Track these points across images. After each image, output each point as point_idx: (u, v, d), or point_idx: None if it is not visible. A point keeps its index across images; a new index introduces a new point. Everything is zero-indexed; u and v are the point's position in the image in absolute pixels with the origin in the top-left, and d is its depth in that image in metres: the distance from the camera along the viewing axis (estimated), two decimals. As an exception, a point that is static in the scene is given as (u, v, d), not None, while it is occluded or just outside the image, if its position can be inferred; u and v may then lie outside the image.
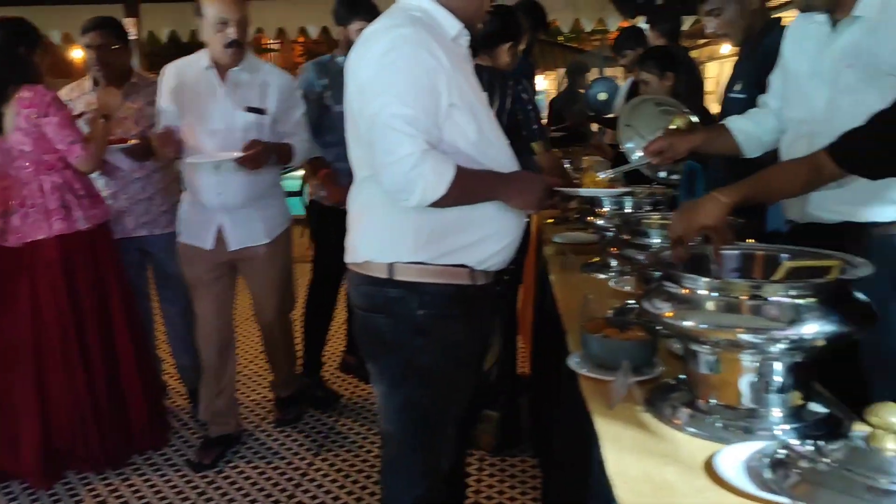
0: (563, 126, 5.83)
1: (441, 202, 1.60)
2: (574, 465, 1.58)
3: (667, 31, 4.18)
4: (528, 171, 1.88)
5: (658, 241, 1.94)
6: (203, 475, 2.93)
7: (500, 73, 2.75)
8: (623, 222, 2.06)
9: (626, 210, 2.39)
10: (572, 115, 5.99)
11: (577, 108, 6.20)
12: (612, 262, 2.42)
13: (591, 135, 5.86)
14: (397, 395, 1.76)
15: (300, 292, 3.43)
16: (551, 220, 3.31)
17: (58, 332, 2.80)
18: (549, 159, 3.15)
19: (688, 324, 1.31)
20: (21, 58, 2.79)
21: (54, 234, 2.76)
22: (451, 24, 1.70)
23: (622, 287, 2.28)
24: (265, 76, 2.86)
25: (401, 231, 1.68)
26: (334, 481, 2.87)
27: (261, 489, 2.83)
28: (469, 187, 1.64)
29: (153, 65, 5.98)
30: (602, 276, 2.43)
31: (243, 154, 2.67)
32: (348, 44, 3.01)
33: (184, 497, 2.79)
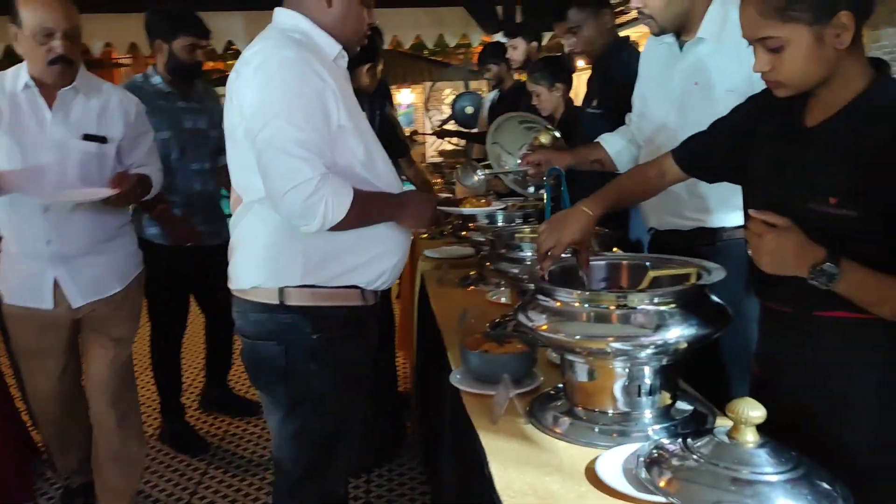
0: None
1: (339, 226, 1.58)
2: (462, 480, 1.60)
3: (529, 39, 4.32)
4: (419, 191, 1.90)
5: (531, 254, 2.00)
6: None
7: (366, 93, 2.80)
8: (497, 236, 2.11)
9: (498, 223, 2.45)
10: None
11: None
12: (489, 275, 2.48)
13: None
14: (292, 422, 1.72)
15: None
16: (425, 236, 3.35)
17: None
18: (415, 173, 3.27)
19: (562, 335, 1.36)
20: None
21: None
22: (330, 46, 1.69)
23: (499, 299, 2.34)
24: (105, 97, 2.37)
25: (291, 255, 1.64)
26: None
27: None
28: (366, 210, 1.63)
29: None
30: (479, 289, 2.48)
31: (115, 191, 2.24)
32: (174, 60, 2.95)
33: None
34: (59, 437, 2.63)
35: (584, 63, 3.21)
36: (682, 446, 1.19)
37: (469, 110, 6.23)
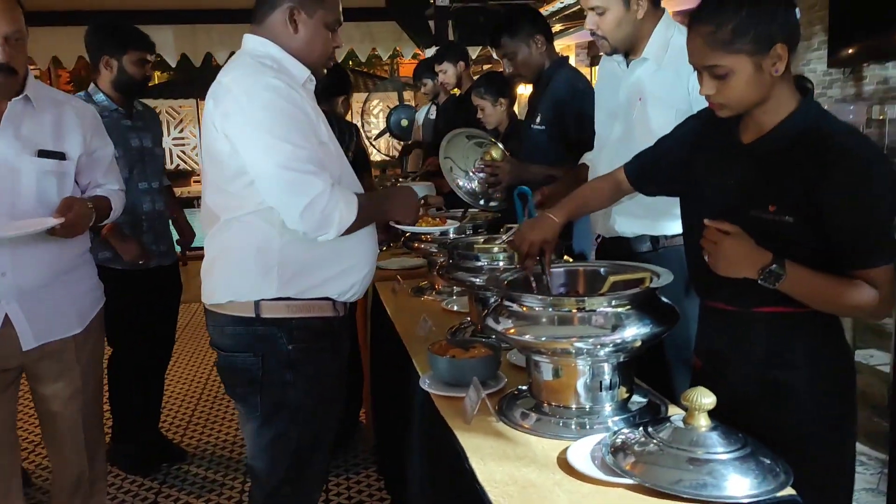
0: None
1: (350, 228, 1.69)
2: (434, 479, 1.69)
3: (456, 61, 4.46)
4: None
5: (485, 263, 2.12)
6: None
7: (345, 120, 3.20)
8: (454, 247, 2.22)
9: (450, 234, 2.57)
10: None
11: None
12: (441, 284, 2.59)
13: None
14: (268, 431, 1.78)
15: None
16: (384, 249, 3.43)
17: None
18: (370, 185, 3.47)
19: (528, 337, 1.48)
20: None
21: None
22: (299, 70, 1.77)
23: (453, 307, 2.45)
24: (59, 109, 2.08)
25: (266, 269, 1.71)
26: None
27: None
28: (367, 209, 1.75)
29: None
30: (434, 298, 2.59)
31: (60, 221, 1.94)
32: (123, 76, 2.88)
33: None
34: None
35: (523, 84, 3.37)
36: (643, 433, 1.32)
37: (404, 123, 6.34)
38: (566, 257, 2.09)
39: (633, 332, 1.43)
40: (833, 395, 1.46)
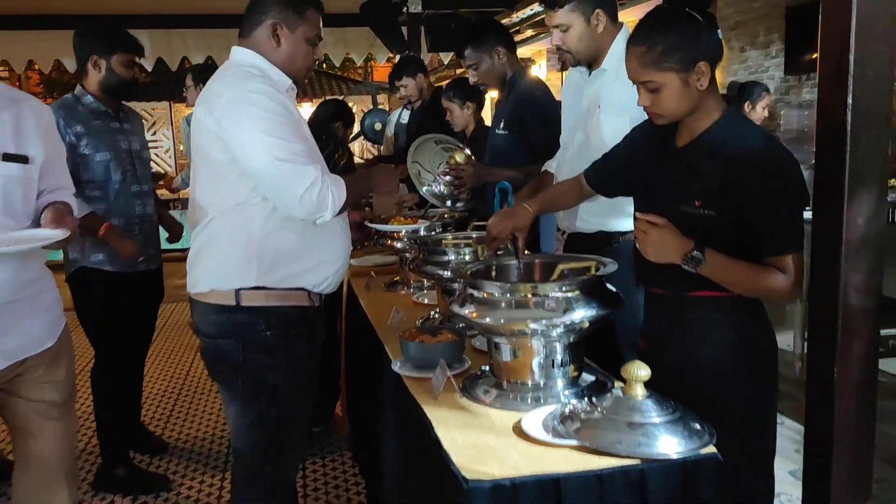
0: None
1: (343, 208, 1.88)
2: (405, 449, 1.85)
3: (415, 74, 4.61)
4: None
5: (452, 257, 2.29)
6: None
7: (341, 142, 3.98)
8: (423, 243, 2.38)
9: (421, 233, 2.73)
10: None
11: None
12: (412, 279, 2.75)
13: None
14: (249, 412, 1.93)
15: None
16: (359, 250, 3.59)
17: None
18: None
19: (489, 320, 1.64)
20: None
21: None
22: (281, 79, 1.93)
23: (423, 300, 2.61)
24: (17, 108, 1.88)
25: (245, 260, 1.86)
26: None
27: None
28: (354, 189, 1.94)
29: None
30: (405, 292, 2.75)
31: (67, 233, 1.81)
32: (112, 76, 2.88)
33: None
34: None
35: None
36: (588, 403, 1.49)
37: (378, 126, 6.49)
38: (526, 252, 2.25)
39: (582, 314, 1.60)
40: (755, 370, 1.66)
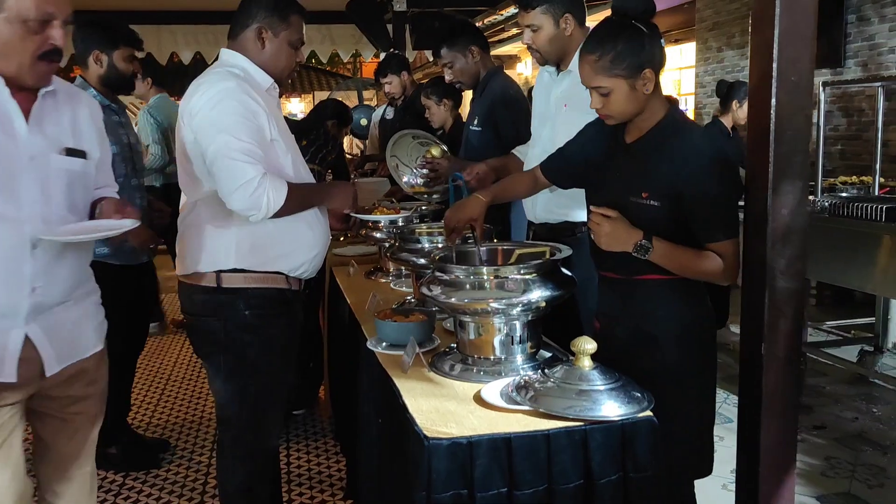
0: None
1: (280, 212, 1.96)
2: (378, 415, 2.01)
3: (399, 71, 4.76)
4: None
5: (426, 245, 2.44)
6: None
7: (333, 139, 4.15)
8: (399, 233, 2.54)
9: (399, 223, 2.88)
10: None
11: None
12: (391, 267, 2.90)
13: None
14: (231, 385, 2.08)
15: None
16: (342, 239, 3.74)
17: None
18: None
19: (454, 300, 1.80)
20: None
21: None
22: (263, 79, 2.09)
23: (400, 287, 2.77)
24: (74, 102, 1.85)
25: (225, 244, 2.01)
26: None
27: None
28: (298, 197, 2.03)
29: None
30: (383, 280, 2.90)
31: (136, 223, 1.79)
32: (113, 71, 2.92)
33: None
34: None
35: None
36: (541, 374, 1.65)
37: (363, 122, 6.62)
38: (494, 240, 2.41)
39: (538, 294, 1.76)
40: (696, 344, 1.82)
